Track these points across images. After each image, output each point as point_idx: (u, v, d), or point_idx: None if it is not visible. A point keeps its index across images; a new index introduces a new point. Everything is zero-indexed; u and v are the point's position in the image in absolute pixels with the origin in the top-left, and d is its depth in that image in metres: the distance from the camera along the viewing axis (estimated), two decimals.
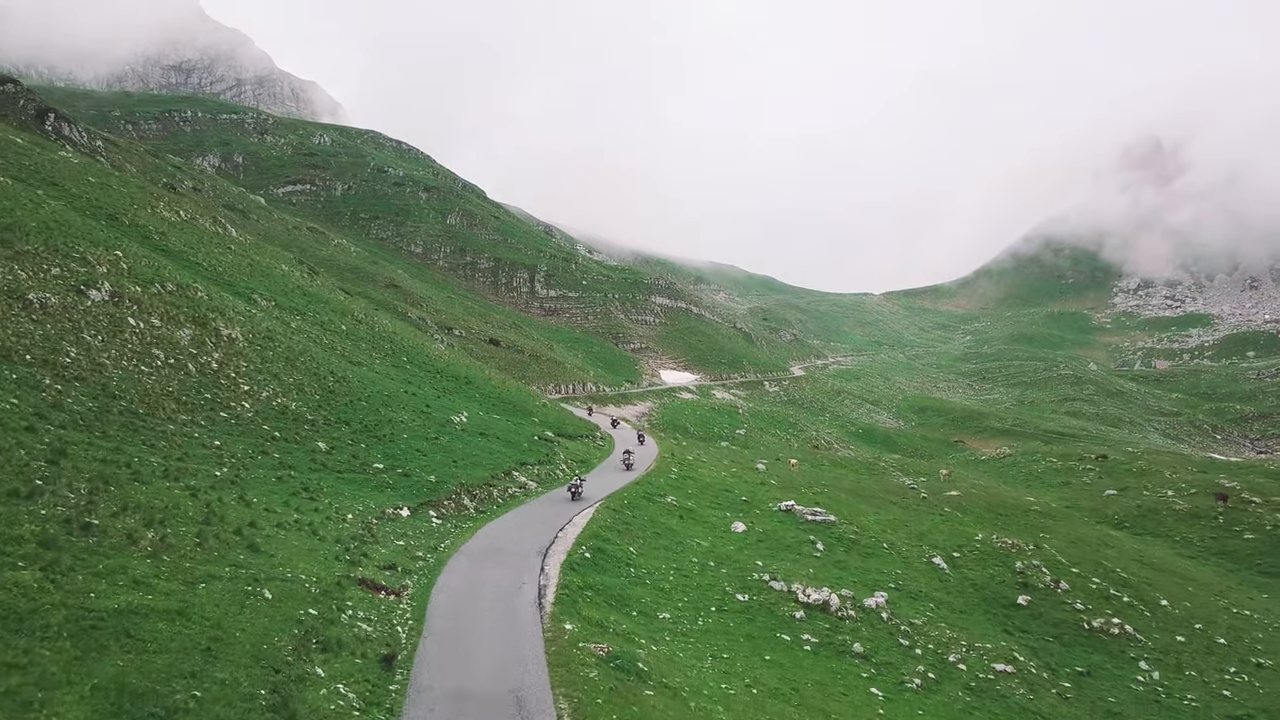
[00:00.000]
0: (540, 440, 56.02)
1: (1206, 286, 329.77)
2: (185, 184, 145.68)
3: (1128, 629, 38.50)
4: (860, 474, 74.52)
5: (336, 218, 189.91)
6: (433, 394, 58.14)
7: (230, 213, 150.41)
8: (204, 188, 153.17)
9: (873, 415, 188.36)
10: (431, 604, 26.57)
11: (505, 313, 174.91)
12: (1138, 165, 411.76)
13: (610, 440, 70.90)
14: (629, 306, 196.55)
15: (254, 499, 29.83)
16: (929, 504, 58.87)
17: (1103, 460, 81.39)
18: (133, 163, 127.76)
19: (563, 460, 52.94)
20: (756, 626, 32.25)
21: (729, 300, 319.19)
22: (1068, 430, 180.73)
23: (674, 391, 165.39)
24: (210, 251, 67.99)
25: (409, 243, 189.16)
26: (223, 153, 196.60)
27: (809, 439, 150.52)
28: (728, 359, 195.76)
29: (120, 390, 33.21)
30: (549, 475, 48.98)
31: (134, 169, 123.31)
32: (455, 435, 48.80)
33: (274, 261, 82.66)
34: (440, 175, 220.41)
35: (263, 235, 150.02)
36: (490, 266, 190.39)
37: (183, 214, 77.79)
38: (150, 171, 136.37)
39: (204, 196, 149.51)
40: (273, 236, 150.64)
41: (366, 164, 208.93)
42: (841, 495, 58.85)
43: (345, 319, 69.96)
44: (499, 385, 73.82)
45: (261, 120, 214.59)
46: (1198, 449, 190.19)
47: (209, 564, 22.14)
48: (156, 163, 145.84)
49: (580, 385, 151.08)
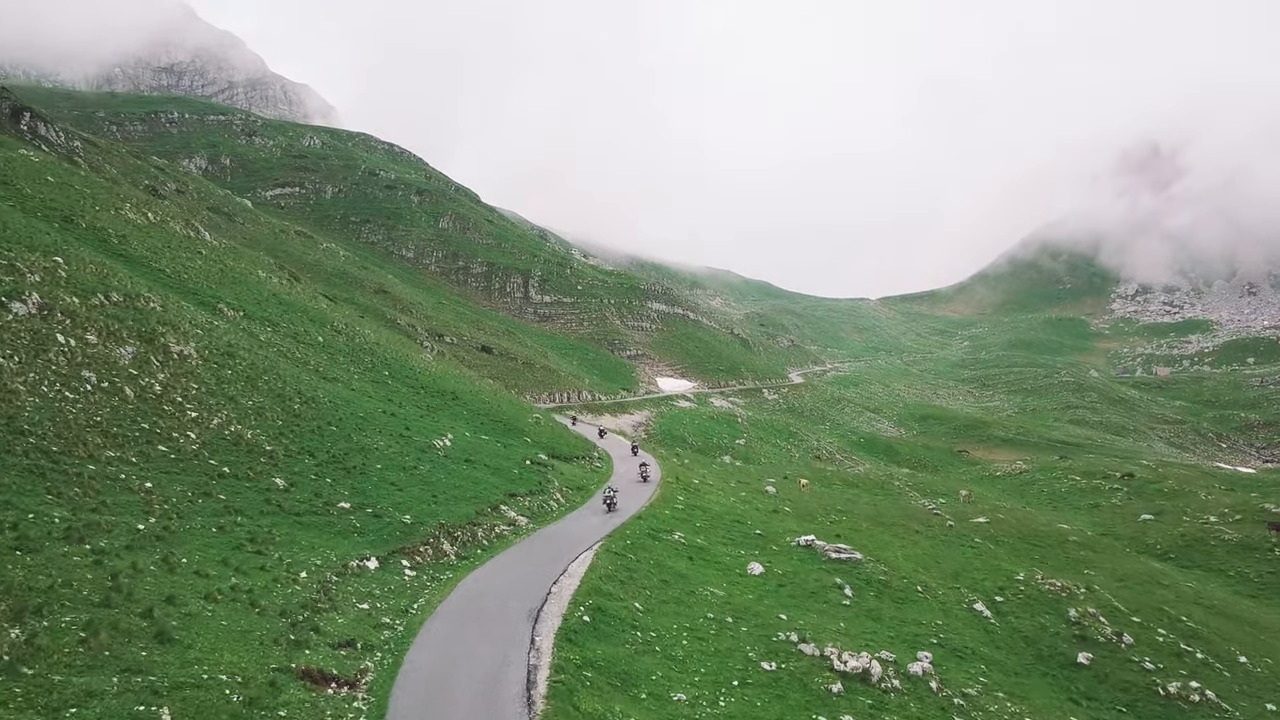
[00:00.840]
0: (533, 465, 50.52)
1: (1205, 292, 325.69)
2: (168, 186, 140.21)
3: (1209, 695, 33.11)
4: (876, 495, 69.20)
5: (326, 221, 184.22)
6: (415, 413, 52.63)
7: (214, 215, 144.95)
8: (188, 190, 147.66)
9: (874, 423, 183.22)
10: (394, 699, 21.09)
11: (498, 319, 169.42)
12: (1135, 170, 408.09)
13: (609, 460, 65.37)
14: (625, 312, 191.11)
15: (182, 559, 24.35)
16: (957, 533, 53.58)
17: (1129, 479, 76.20)
18: (114, 164, 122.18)
19: (557, 489, 47.34)
20: (788, 706, 26.83)
21: (725, 305, 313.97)
22: (1072, 439, 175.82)
23: (671, 400, 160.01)
24: (177, 257, 62.51)
25: (400, 247, 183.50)
26: (210, 155, 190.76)
27: (810, 449, 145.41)
28: (725, 366, 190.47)
29: (31, 424, 27.70)
30: (541, 509, 43.41)
31: (115, 170, 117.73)
32: (437, 463, 43.33)
33: (250, 267, 77.14)
34: (433, 178, 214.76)
35: (247, 239, 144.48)
36: (483, 271, 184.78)
37: (151, 216, 72.27)
38: (132, 173, 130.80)
39: (188, 199, 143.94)
40: (258, 240, 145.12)
41: (358, 167, 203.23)
42: (861, 524, 53.51)
43: (324, 329, 64.43)
44: (489, 400, 68.32)
45: (250, 122, 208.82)
46: (1204, 458, 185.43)
47: (90, 673, 16.66)
48: (139, 164, 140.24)
49: (575, 393, 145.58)
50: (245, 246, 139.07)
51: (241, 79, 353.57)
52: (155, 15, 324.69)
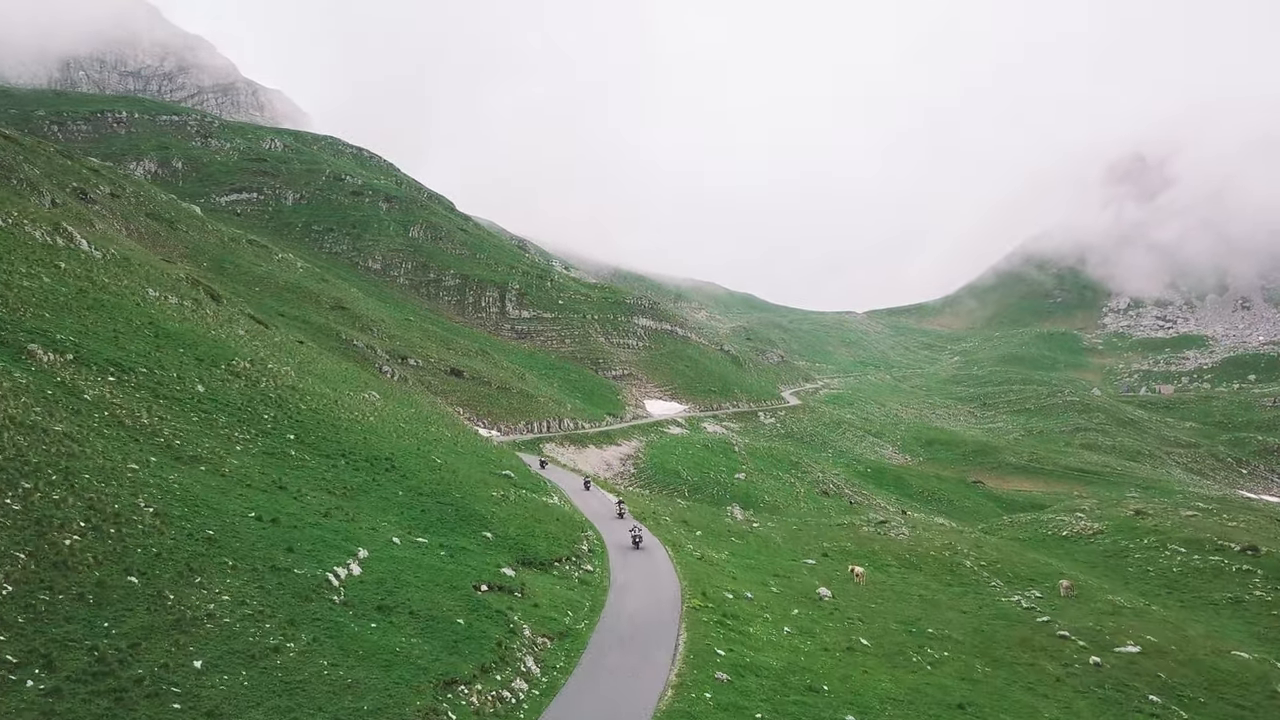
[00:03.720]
0: (491, 594, 32.13)
1: (1198, 306, 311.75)
2: (101, 190, 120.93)
3: None
4: (950, 586, 51.45)
5: (286, 229, 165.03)
6: (316, 508, 34.07)
7: (153, 223, 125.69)
8: (124, 194, 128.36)
9: (877, 449, 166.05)
10: None
11: (472, 336, 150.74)
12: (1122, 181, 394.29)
13: (602, 551, 46.67)
14: (610, 329, 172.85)
15: None
16: (1115, 682, 35.85)
17: (1254, 554, 58.93)
18: (38, 164, 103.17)
19: (527, 649, 28.82)
20: None
21: (711, 319, 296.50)
22: (1090, 467, 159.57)
23: (661, 426, 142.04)
24: (7, 273, 43.82)
25: (366, 257, 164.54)
26: (160, 157, 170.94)
27: (816, 482, 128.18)
28: (717, 386, 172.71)
29: None
30: (497, 708, 24.91)
31: (38, 171, 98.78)
32: (324, 628, 24.96)
33: (139, 284, 58.35)
34: (404, 184, 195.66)
35: (190, 249, 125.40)
36: (456, 284, 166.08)
37: (2, 220, 53.49)
38: (58, 174, 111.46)
39: (123, 204, 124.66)
40: (202, 250, 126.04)
41: (322, 171, 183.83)
42: (975, 665, 35.63)
43: (213, 371, 45.75)
44: (442, 463, 49.76)
45: (206, 123, 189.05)
46: (1226, 485, 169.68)
47: None
48: (69, 165, 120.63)
49: (556, 421, 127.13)
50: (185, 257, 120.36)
51: (210, 83, 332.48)
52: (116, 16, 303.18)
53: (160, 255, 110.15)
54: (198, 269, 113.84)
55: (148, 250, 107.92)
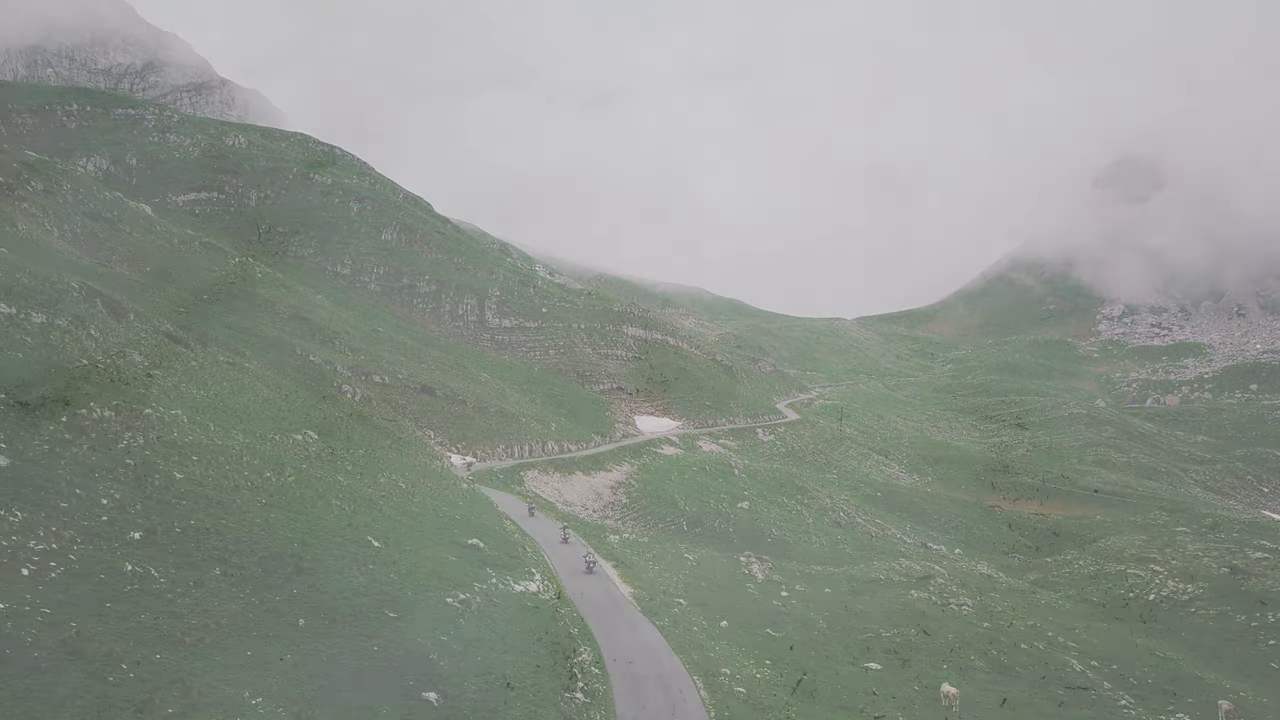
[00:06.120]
0: None
1: (1193, 313, 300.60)
2: (33, 185, 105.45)
3: None
4: (1071, 711, 37.60)
5: (247, 231, 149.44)
6: (124, 698, 19.62)
7: (92, 223, 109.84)
8: (61, 191, 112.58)
9: (883, 468, 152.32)
10: None
11: (447, 347, 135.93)
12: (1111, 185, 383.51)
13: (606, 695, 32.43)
14: (597, 338, 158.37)
15: None
16: None
17: None
18: None
19: None
20: None
21: (699, 325, 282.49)
22: (1109, 487, 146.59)
23: (654, 445, 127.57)
24: None
25: (334, 262, 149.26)
26: (112, 153, 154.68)
27: (824, 509, 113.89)
28: (712, 400, 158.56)
29: None
30: None
31: None
32: None
33: None
34: (378, 184, 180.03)
35: (130, 252, 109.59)
36: (432, 291, 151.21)
37: None
38: None
39: (58, 201, 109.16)
40: (144, 254, 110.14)
41: (289, 169, 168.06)
42: None
43: (38, 429, 31.03)
44: (380, 549, 35.16)
45: (164, 117, 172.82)
46: (1248, 505, 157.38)
47: None
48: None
49: (540, 444, 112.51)
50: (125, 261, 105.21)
51: (185, 82, 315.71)
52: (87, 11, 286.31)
53: (95, 260, 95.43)
54: (137, 274, 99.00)
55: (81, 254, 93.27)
